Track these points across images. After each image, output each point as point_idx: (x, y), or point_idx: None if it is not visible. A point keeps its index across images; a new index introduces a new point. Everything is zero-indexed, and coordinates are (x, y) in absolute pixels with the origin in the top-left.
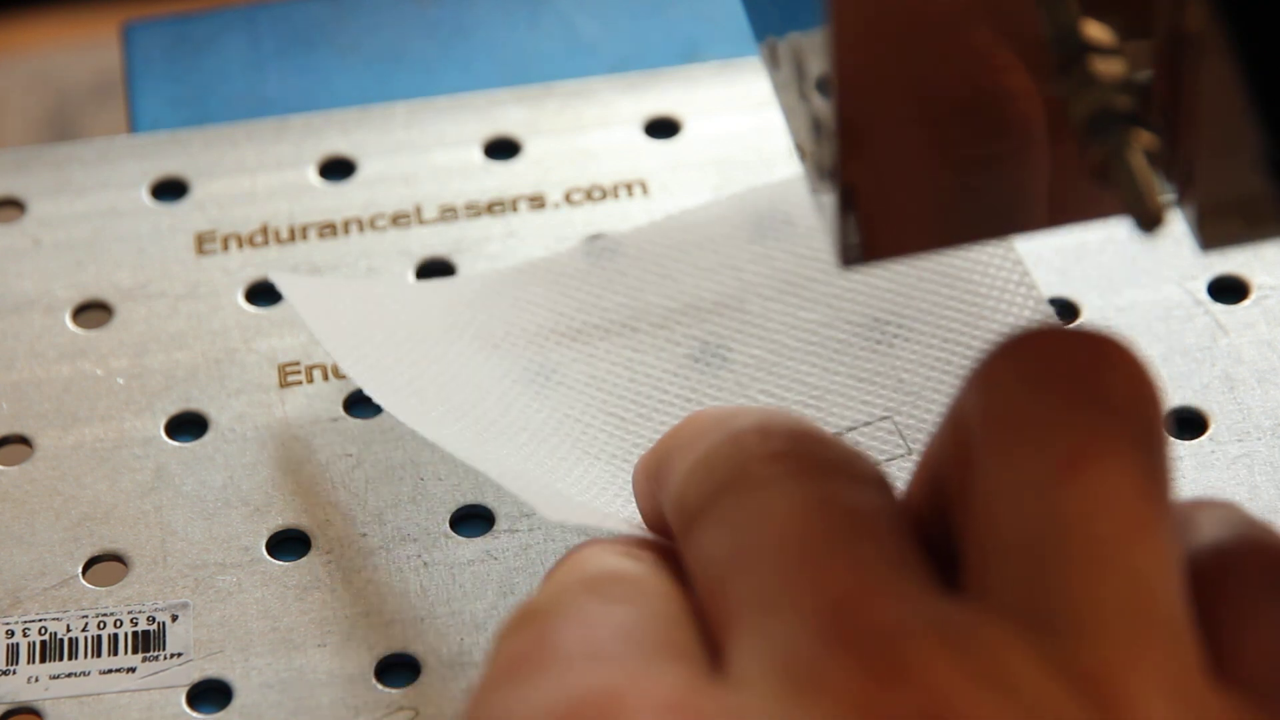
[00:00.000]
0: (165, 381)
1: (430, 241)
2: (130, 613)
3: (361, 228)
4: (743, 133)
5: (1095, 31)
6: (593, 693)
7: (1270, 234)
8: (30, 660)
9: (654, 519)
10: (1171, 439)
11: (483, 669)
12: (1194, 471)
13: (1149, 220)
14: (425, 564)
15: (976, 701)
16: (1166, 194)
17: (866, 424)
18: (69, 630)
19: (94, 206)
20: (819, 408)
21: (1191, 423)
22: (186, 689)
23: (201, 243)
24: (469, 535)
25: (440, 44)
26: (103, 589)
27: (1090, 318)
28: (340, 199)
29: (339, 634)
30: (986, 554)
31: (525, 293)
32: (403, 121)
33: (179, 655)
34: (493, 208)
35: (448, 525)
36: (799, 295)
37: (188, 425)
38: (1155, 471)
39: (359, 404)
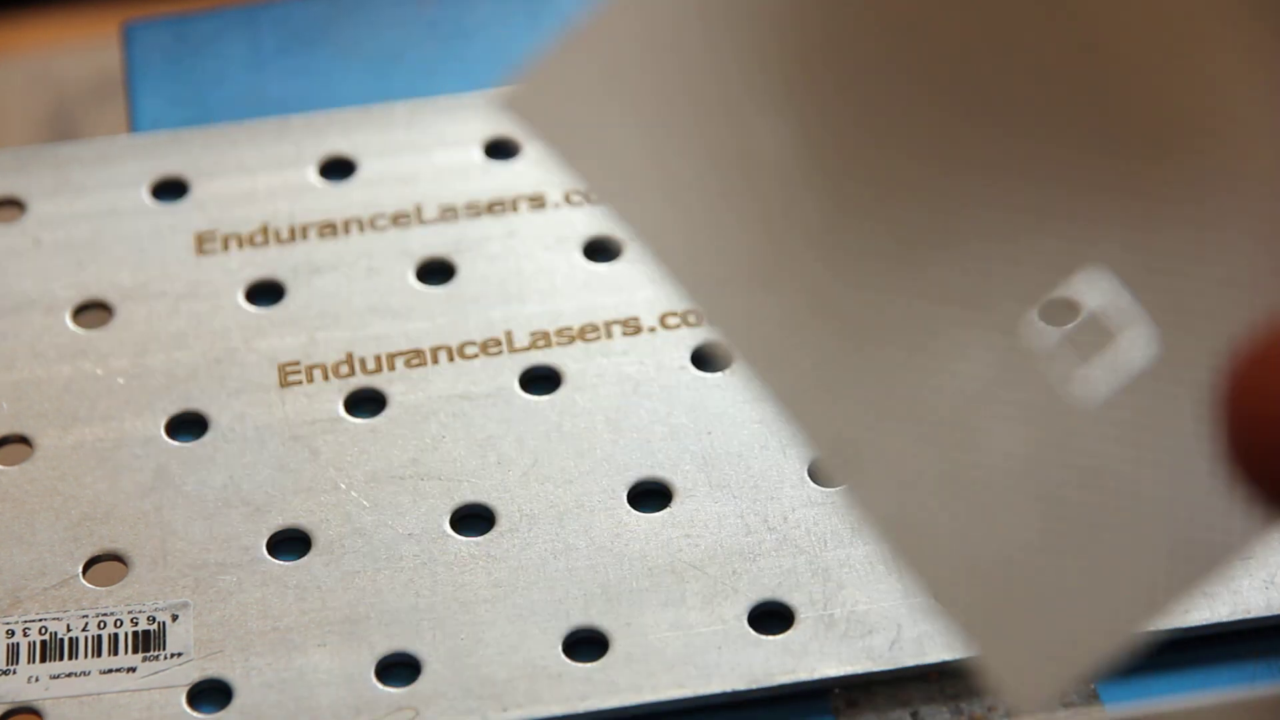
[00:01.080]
0: (165, 381)
1: (430, 241)
2: (130, 612)
3: (361, 228)
4: None
5: None
6: None
7: None
8: (30, 660)
9: None
10: None
11: None
12: None
13: None
14: (425, 564)
15: None
16: None
17: None
18: (69, 630)
19: (94, 206)
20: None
21: None
22: (187, 689)
23: (202, 242)
24: (469, 535)
25: (440, 44)
26: (103, 589)
27: None
28: (340, 199)
29: (339, 634)
30: None
31: None
32: (403, 121)
33: (179, 655)
34: (493, 208)
35: (448, 525)
36: None
37: (188, 425)
38: None
39: (359, 404)
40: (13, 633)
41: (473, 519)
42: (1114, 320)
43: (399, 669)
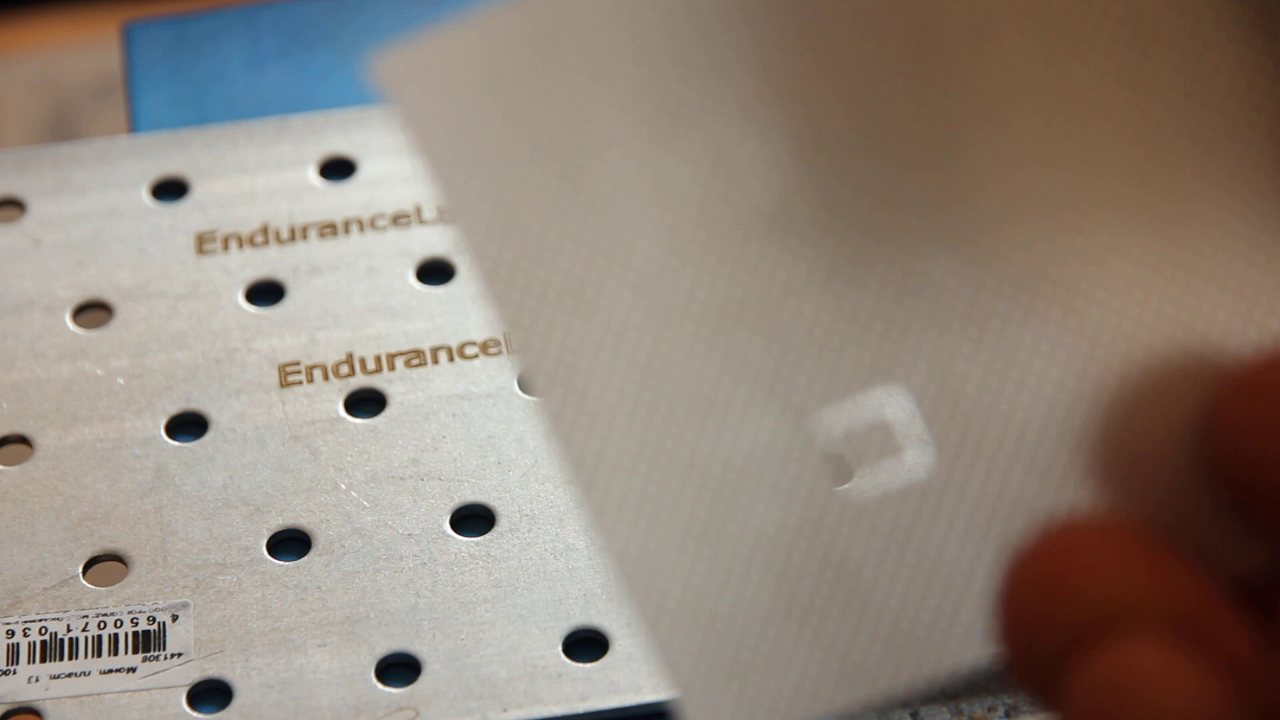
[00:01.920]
0: (165, 381)
1: (430, 241)
2: (130, 613)
3: (361, 228)
4: None
5: None
6: None
7: None
8: (30, 660)
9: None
10: None
11: None
12: None
13: None
14: (425, 564)
15: None
16: None
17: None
18: (69, 630)
19: (94, 206)
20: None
21: None
22: (187, 689)
23: (202, 243)
24: (469, 535)
25: None
26: (103, 589)
27: None
28: (340, 199)
29: (339, 634)
30: None
31: None
32: None
33: (179, 655)
34: None
35: (448, 525)
36: None
37: (188, 425)
38: None
39: (359, 404)
40: (13, 633)
41: (473, 519)
42: (900, 438)
43: (399, 669)
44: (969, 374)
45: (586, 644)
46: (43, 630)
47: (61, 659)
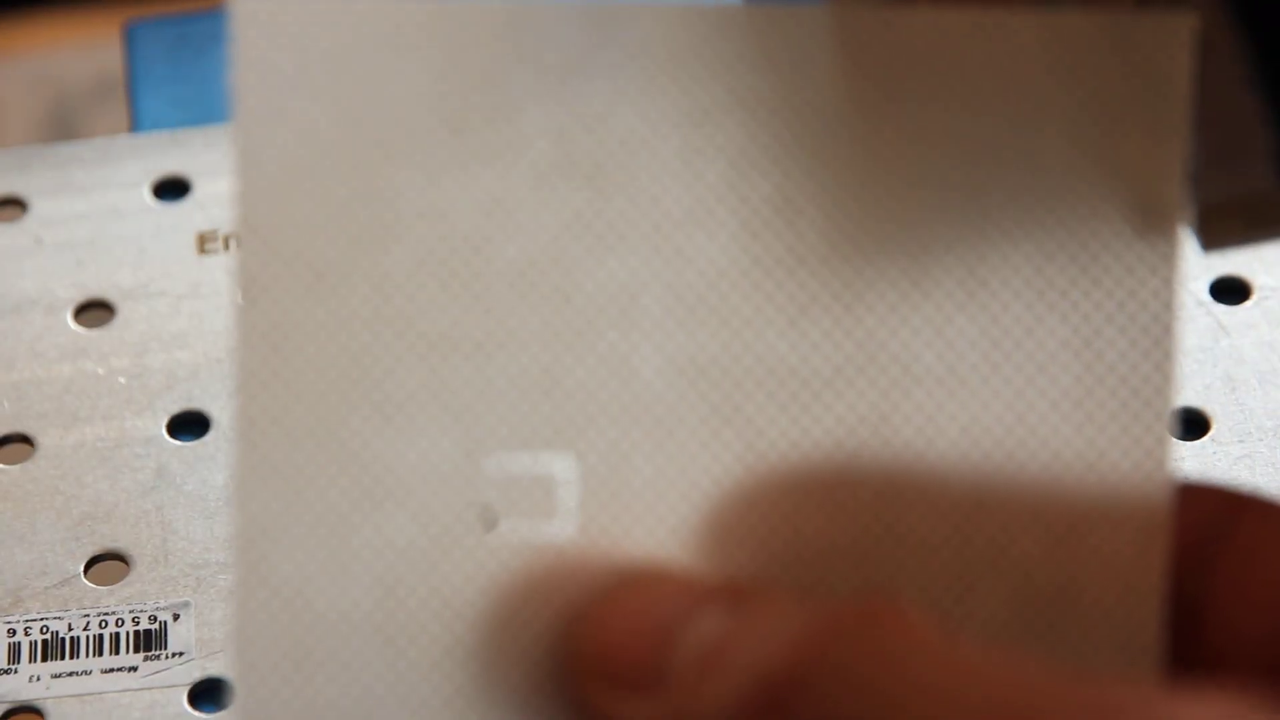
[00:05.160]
0: (167, 381)
1: None
2: (132, 612)
3: None
4: None
5: None
6: None
7: (1272, 235)
8: (32, 659)
9: None
10: (1174, 439)
11: None
12: (1196, 472)
13: None
14: None
15: None
16: None
17: None
18: (70, 629)
19: (95, 206)
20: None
21: (1194, 423)
22: (188, 688)
23: (203, 242)
24: None
25: None
26: (104, 588)
27: None
28: None
29: None
30: None
31: None
32: None
33: (180, 654)
34: None
35: None
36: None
37: (189, 424)
38: None
39: None
40: (14, 632)
41: None
42: (553, 504)
43: None
44: (635, 461)
45: None
46: (44, 629)
47: (63, 658)
